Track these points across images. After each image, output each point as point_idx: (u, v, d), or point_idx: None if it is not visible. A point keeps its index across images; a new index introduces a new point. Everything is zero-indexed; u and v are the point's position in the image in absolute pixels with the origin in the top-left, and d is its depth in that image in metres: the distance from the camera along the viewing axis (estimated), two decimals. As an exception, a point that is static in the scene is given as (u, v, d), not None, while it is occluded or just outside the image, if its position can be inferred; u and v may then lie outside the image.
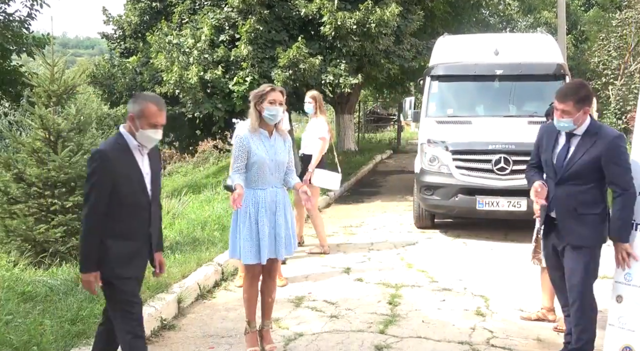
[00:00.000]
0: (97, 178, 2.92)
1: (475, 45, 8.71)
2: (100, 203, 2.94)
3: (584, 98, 3.45)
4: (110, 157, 2.95)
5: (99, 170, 2.92)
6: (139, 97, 3.14)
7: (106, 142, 3.07)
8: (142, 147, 3.08)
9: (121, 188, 2.97)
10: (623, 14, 20.09)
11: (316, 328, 4.47)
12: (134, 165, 3.05)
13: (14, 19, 12.00)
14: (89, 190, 2.97)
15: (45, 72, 5.89)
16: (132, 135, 3.05)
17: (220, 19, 11.11)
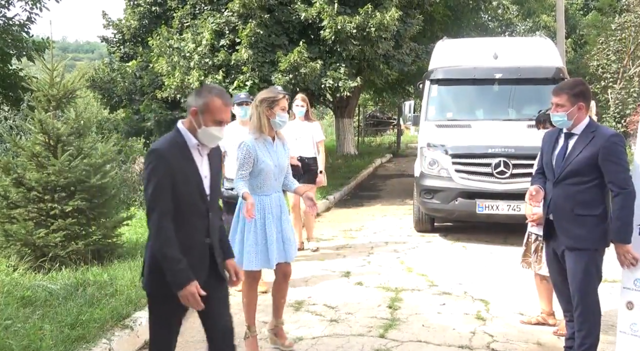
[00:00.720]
0: (158, 180, 2.58)
1: (475, 49, 8.73)
2: (168, 206, 2.60)
3: (579, 93, 3.46)
4: (167, 157, 2.61)
5: (157, 171, 2.59)
6: (204, 89, 2.78)
7: (162, 139, 2.74)
8: (202, 146, 2.75)
9: (178, 192, 2.63)
10: (622, 18, 20.14)
11: (316, 332, 4.47)
12: (193, 167, 2.71)
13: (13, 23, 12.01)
14: (152, 194, 2.59)
15: (45, 76, 5.89)
16: (192, 133, 2.72)
17: (220, 23, 11.14)
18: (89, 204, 5.52)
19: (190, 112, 2.72)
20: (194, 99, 2.73)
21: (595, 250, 3.47)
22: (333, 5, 10.73)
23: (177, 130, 2.74)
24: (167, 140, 2.72)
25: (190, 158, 2.71)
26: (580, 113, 3.46)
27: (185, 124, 2.75)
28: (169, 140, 2.71)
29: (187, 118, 2.74)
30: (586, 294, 3.45)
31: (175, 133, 2.73)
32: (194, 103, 2.72)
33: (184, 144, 2.71)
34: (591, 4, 27.32)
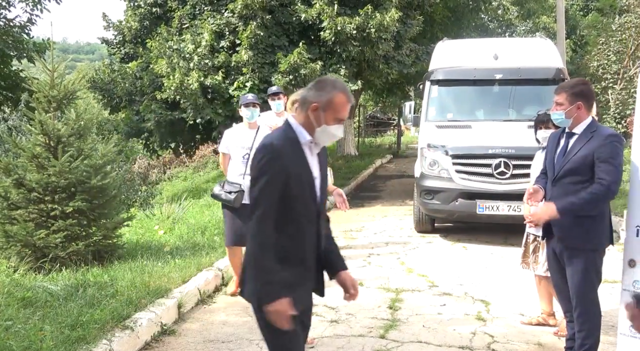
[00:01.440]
0: (271, 176, 2.32)
1: (475, 50, 8.73)
2: (273, 208, 2.34)
3: (579, 93, 3.46)
4: (282, 152, 2.35)
5: (271, 166, 2.32)
6: (326, 82, 2.48)
7: (274, 134, 2.49)
8: (315, 144, 2.48)
9: (291, 192, 2.36)
10: (622, 19, 20.14)
11: (316, 333, 4.46)
12: (305, 166, 2.44)
13: (14, 25, 12.03)
14: (261, 190, 2.33)
15: (46, 77, 5.90)
16: (307, 129, 2.44)
17: (220, 24, 11.15)
18: (89, 205, 5.52)
19: (309, 107, 2.43)
20: (316, 94, 2.44)
21: (595, 251, 3.46)
22: (333, 6, 10.75)
23: (289, 125, 2.47)
24: (279, 135, 2.44)
25: (303, 156, 2.44)
26: (579, 113, 3.46)
27: (298, 119, 2.46)
28: (281, 135, 2.43)
29: (300, 113, 2.46)
30: (585, 295, 3.45)
31: (287, 128, 2.46)
32: (316, 99, 2.43)
33: (295, 141, 2.43)
34: (591, 5, 27.33)
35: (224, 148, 5.37)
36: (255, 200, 2.37)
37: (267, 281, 2.32)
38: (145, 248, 6.21)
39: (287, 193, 2.35)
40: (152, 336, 4.31)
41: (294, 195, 2.37)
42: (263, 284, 2.34)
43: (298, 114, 2.48)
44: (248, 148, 5.15)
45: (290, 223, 2.39)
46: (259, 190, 2.34)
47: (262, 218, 2.33)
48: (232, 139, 5.31)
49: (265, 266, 2.32)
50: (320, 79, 2.54)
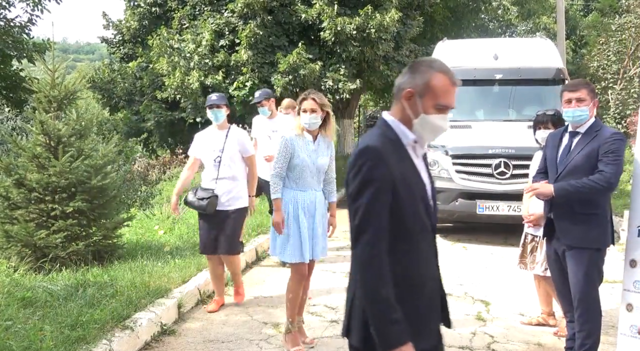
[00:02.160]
0: (377, 189, 1.86)
1: (475, 50, 8.73)
2: (385, 228, 1.89)
3: (594, 90, 3.51)
4: (386, 157, 1.90)
5: (376, 174, 1.87)
6: (421, 63, 2.02)
7: (370, 135, 2.00)
8: (419, 144, 2.03)
9: (401, 205, 1.91)
10: (622, 19, 20.14)
11: (317, 333, 4.46)
12: (414, 171, 2.00)
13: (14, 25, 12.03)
14: (368, 207, 1.87)
15: (46, 77, 5.90)
16: (407, 125, 1.99)
17: (220, 24, 11.15)
18: (89, 205, 5.52)
19: (402, 95, 1.98)
20: (409, 78, 1.98)
21: (597, 250, 3.46)
22: (333, 7, 10.75)
23: (385, 123, 2.01)
24: (377, 135, 1.97)
25: (409, 159, 1.99)
26: (593, 110, 3.49)
27: (394, 114, 2.01)
28: (379, 136, 1.97)
29: (395, 107, 2.02)
30: (587, 294, 3.43)
31: (383, 128, 2.00)
32: (409, 83, 1.98)
33: (397, 141, 1.98)
34: (591, 5, 27.34)
35: (193, 152, 5.07)
36: (360, 220, 1.89)
37: (388, 322, 1.83)
38: (145, 248, 6.21)
39: (397, 206, 1.90)
40: (152, 336, 4.31)
41: (405, 208, 1.91)
42: (382, 326, 1.84)
43: (393, 108, 2.03)
44: (219, 150, 4.89)
45: (402, 242, 1.93)
46: (365, 207, 1.86)
47: (373, 242, 1.87)
48: (202, 143, 5.01)
49: (383, 303, 1.84)
50: (414, 62, 2.05)
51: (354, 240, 1.94)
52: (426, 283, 2.02)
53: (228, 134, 4.95)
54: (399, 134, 1.99)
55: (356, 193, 1.89)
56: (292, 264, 4.10)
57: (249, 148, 5.00)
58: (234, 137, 4.94)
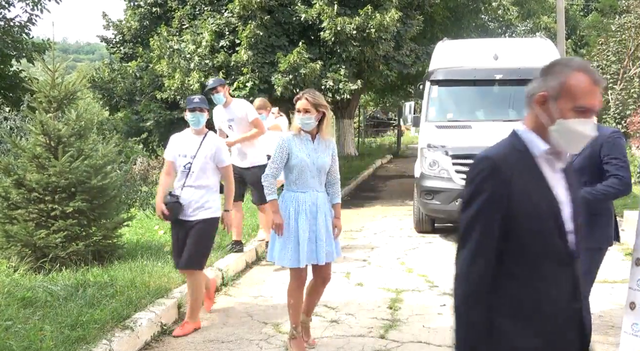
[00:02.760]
0: (486, 201, 1.73)
1: (475, 50, 8.74)
2: (490, 243, 1.73)
3: None
4: (505, 170, 1.75)
5: (487, 186, 1.74)
6: (555, 63, 1.87)
7: (497, 146, 1.87)
8: (557, 155, 1.81)
9: (522, 223, 1.73)
10: (622, 19, 20.15)
11: (316, 333, 4.46)
12: (544, 187, 1.78)
13: (14, 24, 12.03)
14: (472, 218, 1.75)
15: (46, 77, 5.90)
16: (540, 134, 1.80)
17: (220, 24, 11.16)
18: (89, 205, 5.52)
19: (534, 100, 1.82)
20: (542, 81, 1.84)
21: (600, 249, 3.48)
22: (333, 7, 10.75)
23: (514, 134, 1.88)
24: (504, 146, 1.85)
25: (538, 173, 1.78)
26: None
27: (527, 123, 1.85)
28: (507, 146, 1.84)
29: (527, 116, 1.86)
30: (587, 292, 3.45)
31: (512, 138, 1.86)
32: (542, 87, 1.82)
33: (526, 153, 1.80)
34: (591, 5, 27.35)
35: (168, 155, 4.63)
36: (462, 233, 1.77)
37: (469, 348, 1.71)
38: (145, 248, 6.21)
39: (514, 224, 1.73)
40: (152, 336, 4.31)
41: (524, 228, 1.73)
42: (462, 345, 1.73)
43: (525, 118, 1.86)
44: (191, 157, 4.45)
45: (524, 266, 1.74)
46: (470, 218, 1.75)
47: (471, 259, 1.73)
48: (176, 146, 4.60)
49: (470, 327, 1.70)
50: (548, 64, 1.89)
51: (457, 248, 1.80)
52: (550, 317, 1.73)
53: (204, 141, 4.54)
54: (528, 145, 1.81)
55: (465, 203, 1.79)
56: (291, 269, 3.98)
57: (224, 158, 4.58)
58: (209, 145, 4.53)
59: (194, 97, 4.69)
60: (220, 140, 4.81)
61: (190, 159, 4.47)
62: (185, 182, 4.48)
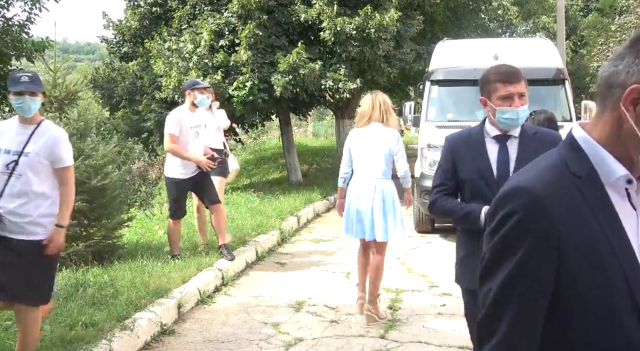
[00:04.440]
0: (524, 266, 1.10)
1: (475, 50, 8.74)
2: (529, 334, 1.12)
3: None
4: (555, 212, 1.09)
5: (528, 242, 1.09)
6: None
7: (538, 168, 1.17)
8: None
9: (584, 285, 1.09)
10: (622, 19, 20.15)
11: (316, 333, 4.47)
12: (618, 234, 1.11)
13: (13, 24, 12.02)
14: (499, 296, 1.13)
15: (48, 77, 5.90)
16: (617, 151, 1.12)
17: (220, 24, 11.15)
18: (89, 205, 5.52)
19: (626, 97, 1.08)
20: (632, 63, 1.09)
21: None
22: (333, 7, 10.75)
23: (572, 144, 1.17)
24: (548, 166, 1.15)
25: (609, 212, 1.12)
26: None
27: (594, 130, 1.15)
28: (552, 169, 1.14)
29: (598, 118, 1.16)
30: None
31: (568, 152, 1.16)
32: (635, 74, 1.08)
33: (590, 178, 1.13)
34: (591, 5, 27.34)
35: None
36: (487, 313, 1.14)
37: None
38: (145, 248, 6.22)
39: (569, 296, 1.10)
40: (152, 337, 4.31)
41: (587, 301, 1.09)
42: None
43: (594, 120, 1.17)
44: (16, 153, 3.39)
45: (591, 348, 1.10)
46: (497, 294, 1.12)
47: (507, 345, 1.12)
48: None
49: None
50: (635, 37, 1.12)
51: (481, 328, 1.17)
52: None
53: (35, 132, 3.44)
54: (596, 166, 1.13)
55: (490, 263, 1.13)
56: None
57: (64, 156, 3.52)
58: (45, 138, 3.44)
59: (20, 74, 3.52)
60: (61, 131, 3.58)
61: (14, 156, 3.37)
62: (6, 187, 3.36)
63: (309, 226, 9.03)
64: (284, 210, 8.81)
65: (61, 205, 3.56)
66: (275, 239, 7.57)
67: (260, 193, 10.66)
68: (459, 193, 2.75)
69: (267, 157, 18.12)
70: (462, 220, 2.67)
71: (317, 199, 10.39)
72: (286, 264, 6.67)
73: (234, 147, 17.21)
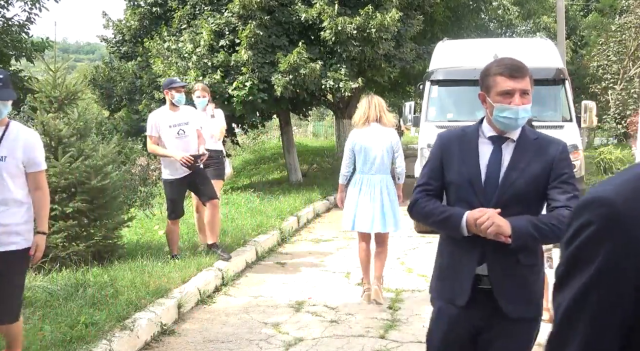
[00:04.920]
0: (600, 279, 0.98)
1: (475, 50, 8.74)
2: (605, 347, 0.99)
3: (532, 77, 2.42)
4: (635, 225, 0.95)
5: (604, 254, 0.97)
6: None
7: (621, 179, 1.03)
8: None
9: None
10: (622, 19, 20.16)
11: (316, 333, 4.47)
12: None
13: (13, 24, 12.02)
14: (571, 309, 1.02)
15: (47, 77, 5.90)
16: None
17: (220, 24, 11.15)
18: (89, 205, 5.52)
19: None
20: None
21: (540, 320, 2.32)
22: (333, 7, 10.75)
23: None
24: (631, 179, 1.03)
25: None
26: None
27: None
28: (638, 182, 1.01)
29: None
30: None
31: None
32: None
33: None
34: (591, 5, 27.35)
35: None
36: (554, 332, 1.06)
37: None
38: (145, 248, 6.22)
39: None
40: (152, 337, 4.31)
41: None
42: None
43: None
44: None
45: None
46: (567, 309, 1.03)
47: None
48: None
49: None
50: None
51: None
52: None
53: (5, 135, 3.20)
54: None
55: (562, 275, 1.05)
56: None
57: (39, 160, 3.34)
58: (21, 141, 3.24)
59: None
60: (32, 133, 3.42)
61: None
62: None
63: (309, 226, 9.03)
64: (284, 210, 8.81)
65: (40, 211, 3.34)
66: (275, 239, 7.57)
67: (260, 193, 10.66)
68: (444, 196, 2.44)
69: (267, 157, 18.13)
70: (441, 226, 2.34)
71: (317, 199, 10.39)
72: (286, 264, 6.67)
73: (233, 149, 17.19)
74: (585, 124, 7.95)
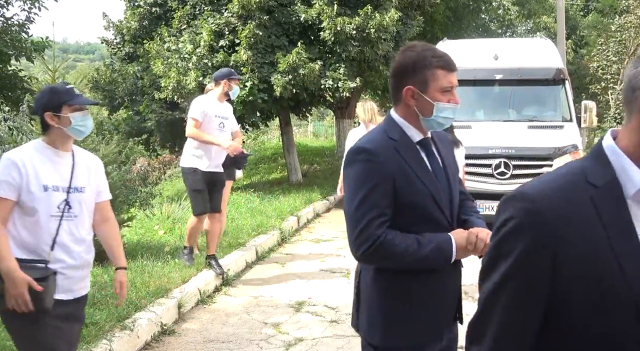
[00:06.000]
0: (515, 272, 1.09)
1: (475, 50, 8.74)
2: (521, 332, 1.10)
3: None
4: (554, 220, 1.04)
5: (520, 248, 1.07)
6: None
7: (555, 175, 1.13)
8: None
9: (578, 315, 1.03)
10: (622, 19, 20.16)
11: (316, 333, 4.47)
12: (629, 244, 1.02)
13: (12, 23, 12.02)
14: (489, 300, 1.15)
15: (47, 77, 5.90)
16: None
17: (220, 24, 11.16)
18: (89, 205, 5.51)
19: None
20: None
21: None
22: (333, 7, 10.75)
23: (594, 154, 1.12)
24: (564, 176, 1.10)
25: (626, 228, 1.03)
26: None
27: (621, 139, 1.09)
28: (570, 175, 1.09)
29: (622, 129, 1.10)
30: None
31: (590, 162, 1.10)
32: None
33: (609, 190, 1.06)
34: (592, 5, 27.36)
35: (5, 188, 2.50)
36: (480, 315, 1.18)
37: None
38: (145, 248, 6.22)
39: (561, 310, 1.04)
40: (152, 336, 4.31)
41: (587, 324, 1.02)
42: None
43: (622, 127, 1.11)
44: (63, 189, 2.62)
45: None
46: (487, 297, 1.14)
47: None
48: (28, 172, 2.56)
49: None
50: None
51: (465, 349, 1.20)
52: None
53: (76, 161, 2.69)
54: (619, 177, 1.05)
55: (486, 265, 1.14)
56: None
57: (107, 188, 2.93)
58: (88, 168, 2.76)
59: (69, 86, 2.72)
60: (97, 158, 2.95)
61: (63, 194, 2.59)
62: (59, 234, 2.55)
63: (309, 226, 9.03)
64: (284, 210, 8.81)
65: (115, 243, 2.92)
66: (275, 239, 7.57)
67: (260, 193, 10.66)
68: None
69: (267, 157, 18.13)
70: (424, 262, 1.95)
71: (317, 199, 10.39)
72: (286, 264, 6.67)
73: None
74: (585, 124, 7.95)
